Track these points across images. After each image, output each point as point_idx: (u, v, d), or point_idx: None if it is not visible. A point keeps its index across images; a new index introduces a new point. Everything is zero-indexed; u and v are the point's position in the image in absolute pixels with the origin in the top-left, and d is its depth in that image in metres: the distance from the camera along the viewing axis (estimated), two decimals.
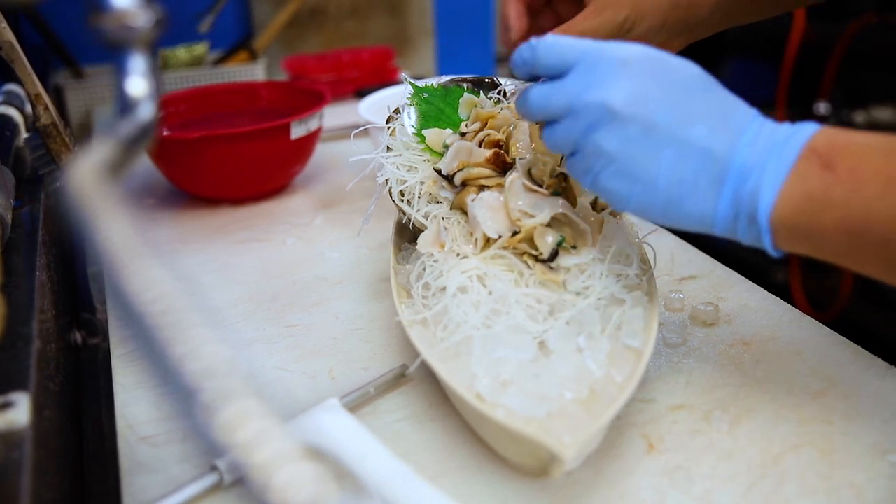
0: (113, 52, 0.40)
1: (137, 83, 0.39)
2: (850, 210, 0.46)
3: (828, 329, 0.69)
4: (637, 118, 0.51)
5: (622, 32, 0.65)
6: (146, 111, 0.38)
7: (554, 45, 0.55)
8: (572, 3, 0.70)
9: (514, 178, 0.63)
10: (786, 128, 0.50)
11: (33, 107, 0.91)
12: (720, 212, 0.51)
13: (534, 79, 0.57)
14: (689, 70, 0.53)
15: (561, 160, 0.65)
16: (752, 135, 0.50)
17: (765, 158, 0.49)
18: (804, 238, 0.48)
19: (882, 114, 2.41)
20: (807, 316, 0.71)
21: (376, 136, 0.99)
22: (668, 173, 0.51)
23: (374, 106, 1.10)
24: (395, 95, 1.07)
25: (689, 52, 0.63)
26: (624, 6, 0.65)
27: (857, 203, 0.45)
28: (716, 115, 0.51)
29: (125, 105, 0.38)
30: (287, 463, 0.18)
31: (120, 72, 0.39)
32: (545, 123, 0.57)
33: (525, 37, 0.67)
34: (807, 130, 0.49)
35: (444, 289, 0.61)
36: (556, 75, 0.55)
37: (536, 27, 0.71)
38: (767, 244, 0.50)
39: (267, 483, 0.18)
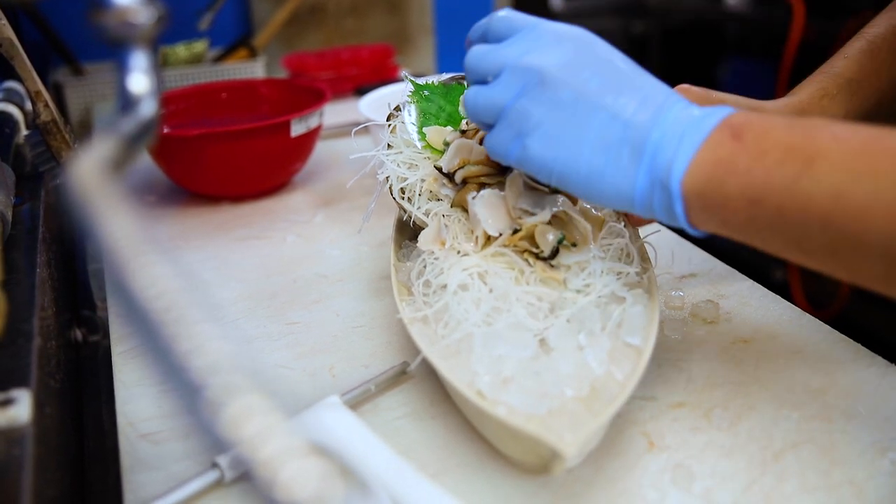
0: (114, 49, 0.40)
1: (139, 80, 0.39)
2: (751, 177, 0.47)
3: (828, 327, 0.69)
4: (569, 84, 0.53)
5: None
6: (147, 108, 0.38)
7: (505, 16, 0.59)
8: None
9: (515, 175, 0.63)
10: (708, 108, 0.51)
11: (33, 104, 0.91)
12: (639, 183, 0.52)
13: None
14: (621, 54, 0.56)
15: None
16: (675, 112, 0.51)
17: (682, 131, 0.50)
18: (712, 209, 0.49)
19: None
20: (807, 314, 0.71)
21: (377, 134, 0.99)
22: (593, 140, 0.52)
23: (374, 103, 1.10)
24: (396, 93, 1.07)
25: (689, 52, 0.63)
26: None
27: (758, 170, 0.46)
28: (643, 92, 0.53)
29: (126, 102, 0.38)
30: (292, 459, 0.18)
31: (121, 69, 0.39)
32: (472, 85, 0.59)
33: None
34: (728, 109, 0.51)
35: (444, 286, 0.61)
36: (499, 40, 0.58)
37: None
38: (680, 215, 0.51)
39: (272, 479, 0.18)
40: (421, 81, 0.78)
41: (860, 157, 0.44)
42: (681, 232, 0.90)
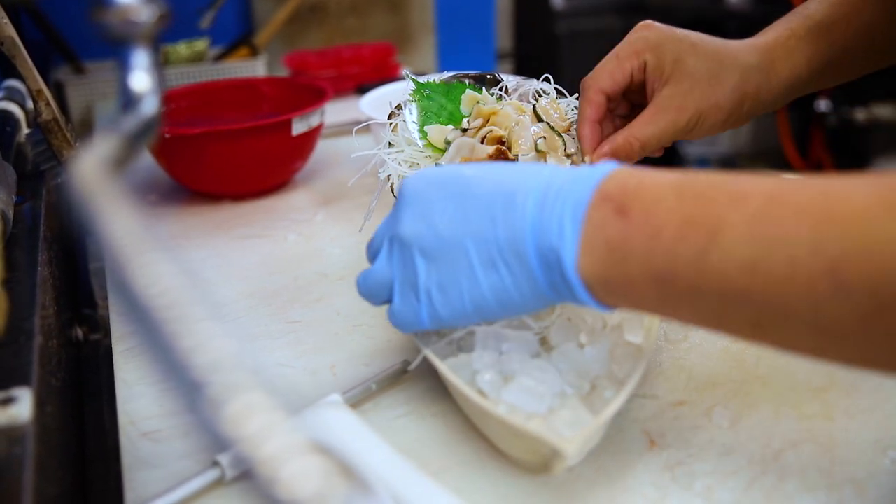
0: (116, 48, 0.40)
1: (140, 78, 0.39)
2: (652, 259, 0.43)
3: None
4: (424, 235, 0.52)
5: (685, 133, 0.66)
6: (149, 106, 0.38)
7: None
8: (637, 100, 0.71)
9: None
10: (573, 173, 0.48)
11: (34, 102, 0.91)
12: (540, 283, 0.48)
13: None
14: (460, 168, 0.54)
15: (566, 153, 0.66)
16: (537, 192, 0.48)
17: (559, 211, 0.46)
18: (619, 292, 0.46)
19: (882, 111, 2.41)
20: None
21: (378, 133, 0.99)
22: (480, 267, 0.50)
23: (375, 102, 1.10)
24: (397, 92, 1.07)
25: None
26: (686, 109, 0.65)
27: (657, 251, 0.43)
28: (496, 192, 0.50)
29: (128, 100, 0.38)
30: (294, 457, 0.18)
31: (123, 67, 0.39)
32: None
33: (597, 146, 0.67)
34: (595, 175, 0.47)
35: None
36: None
37: (604, 134, 0.70)
38: (590, 302, 0.47)
39: (273, 477, 0.18)
40: (422, 80, 0.78)
41: (765, 223, 0.40)
42: None
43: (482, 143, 0.67)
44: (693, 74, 0.65)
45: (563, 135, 0.68)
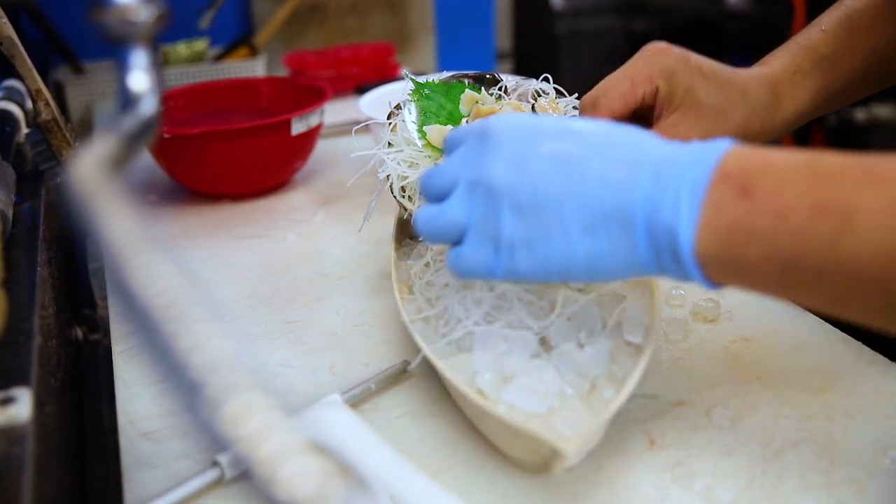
0: (114, 48, 0.40)
1: (139, 78, 0.39)
2: (778, 242, 0.42)
3: (829, 325, 0.69)
4: (520, 184, 0.49)
5: None
6: (148, 106, 0.38)
7: (450, 134, 0.57)
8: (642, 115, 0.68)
9: None
10: (691, 150, 0.46)
11: (34, 102, 0.91)
12: (643, 254, 0.47)
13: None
14: (569, 121, 0.51)
15: None
16: (653, 165, 0.46)
17: (674, 187, 0.45)
18: (737, 273, 0.45)
19: (882, 111, 2.41)
20: (808, 313, 0.71)
21: (377, 132, 0.99)
22: (576, 229, 0.48)
23: (374, 102, 1.10)
24: (396, 91, 1.07)
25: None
26: (693, 132, 0.63)
27: (784, 234, 0.42)
28: (607, 153, 0.48)
29: (127, 100, 0.38)
30: (292, 456, 0.18)
31: (121, 67, 0.39)
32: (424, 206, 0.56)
33: None
34: (714, 152, 0.45)
35: (446, 285, 0.61)
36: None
37: None
38: (700, 280, 0.46)
39: (271, 476, 0.18)
40: (421, 80, 0.78)
41: None
42: None
43: None
44: (701, 107, 0.63)
45: None
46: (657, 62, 0.64)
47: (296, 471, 0.18)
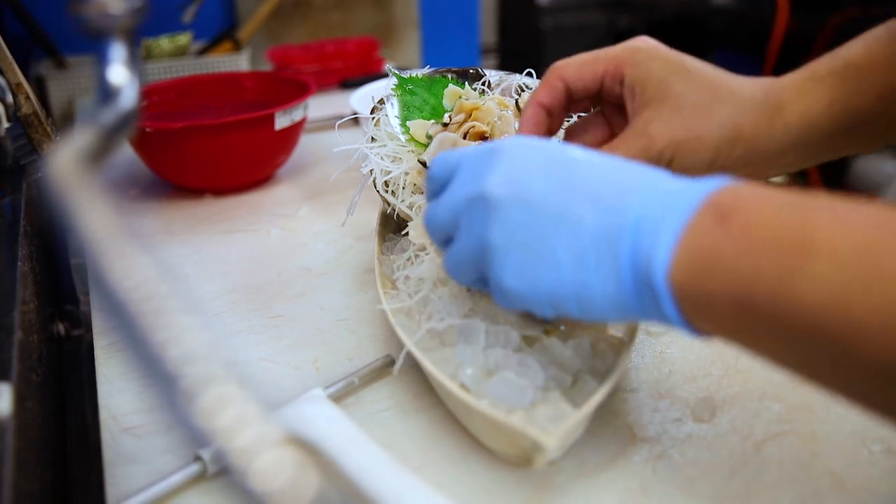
0: (94, 41, 0.39)
1: (118, 71, 0.39)
2: (737, 272, 0.38)
3: None
4: (515, 198, 0.46)
5: (659, 164, 0.57)
6: (127, 99, 0.38)
7: (439, 158, 0.54)
8: (617, 116, 0.64)
9: None
10: (689, 181, 0.43)
11: (14, 96, 0.90)
12: (625, 284, 0.43)
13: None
14: (570, 148, 0.49)
15: None
16: (647, 190, 0.43)
17: (661, 213, 0.42)
18: (704, 311, 0.40)
19: None
20: None
21: (366, 127, 0.99)
22: (566, 252, 0.45)
23: (365, 98, 1.10)
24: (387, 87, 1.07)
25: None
26: (660, 138, 0.57)
27: (745, 263, 0.38)
28: (606, 179, 0.45)
29: (106, 93, 0.38)
30: (266, 448, 0.18)
31: (101, 60, 0.39)
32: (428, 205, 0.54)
33: (533, 129, 0.62)
34: (711, 183, 0.42)
35: (421, 279, 0.61)
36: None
37: (554, 125, 0.64)
38: (678, 322, 0.42)
39: (246, 468, 0.18)
40: (405, 75, 0.78)
41: (868, 255, 0.34)
42: None
43: (464, 138, 0.67)
44: (677, 101, 0.57)
45: None
46: (631, 49, 0.60)
47: (270, 462, 0.18)
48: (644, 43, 0.60)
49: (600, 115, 0.65)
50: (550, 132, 0.63)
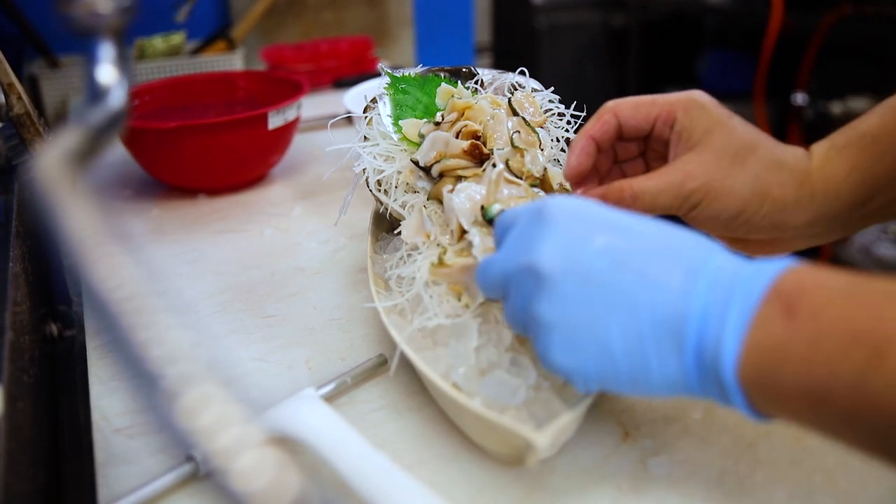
0: (83, 40, 0.39)
1: (107, 71, 0.38)
2: (810, 371, 0.38)
3: None
4: (568, 273, 0.45)
5: (687, 204, 0.59)
6: (116, 99, 0.38)
7: (507, 213, 0.54)
8: (658, 162, 0.66)
9: (501, 170, 0.62)
10: (752, 264, 0.43)
11: (6, 96, 0.90)
12: (689, 371, 0.43)
13: None
14: (620, 215, 0.48)
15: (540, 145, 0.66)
16: (711, 274, 0.43)
17: (726, 301, 0.42)
18: (775, 402, 0.41)
19: (858, 104, 2.43)
20: None
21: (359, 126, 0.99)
22: (621, 334, 0.44)
23: (359, 97, 1.10)
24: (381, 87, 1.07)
25: (669, 45, 0.62)
26: (695, 178, 0.58)
27: (817, 363, 0.38)
28: (665, 255, 0.45)
29: (95, 93, 0.38)
30: (248, 448, 0.18)
31: (90, 59, 0.39)
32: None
33: (582, 176, 0.63)
34: (775, 267, 0.42)
35: (413, 278, 0.61)
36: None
37: (607, 176, 0.67)
38: (745, 409, 0.42)
39: (227, 468, 0.18)
40: (398, 73, 0.77)
41: None
42: None
43: (457, 137, 0.67)
44: (717, 150, 0.58)
45: (537, 130, 0.68)
46: (686, 97, 0.61)
47: (251, 462, 0.18)
48: (699, 95, 0.61)
49: (641, 160, 0.67)
50: (596, 168, 0.65)
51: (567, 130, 0.73)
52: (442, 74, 0.78)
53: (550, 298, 0.45)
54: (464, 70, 0.78)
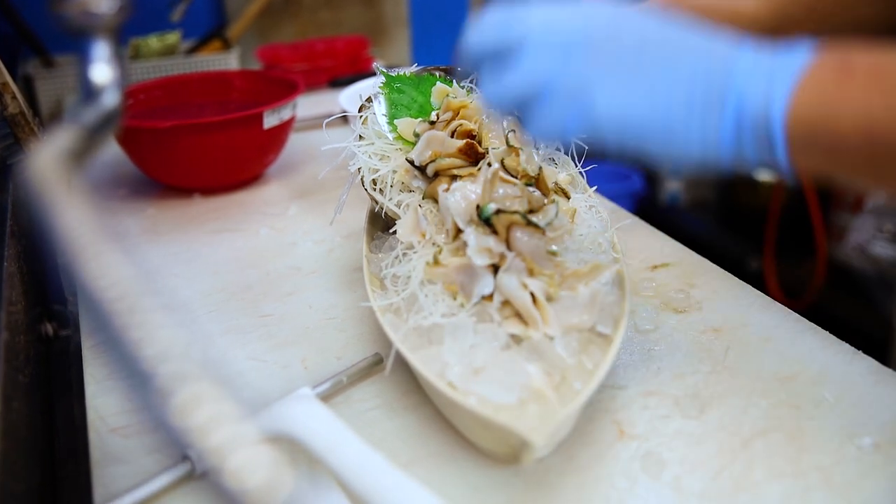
0: (77, 39, 0.39)
1: (101, 70, 0.38)
2: (870, 110, 0.41)
3: (797, 315, 0.69)
4: (624, 31, 0.47)
5: None
6: (110, 98, 0.38)
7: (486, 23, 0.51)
8: None
9: (496, 169, 0.62)
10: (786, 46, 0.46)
11: (1, 95, 0.90)
12: (725, 129, 0.45)
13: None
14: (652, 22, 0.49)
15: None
16: (753, 46, 0.46)
17: (772, 64, 0.44)
18: (821, 149, 0.43)
19: None
20: (776, 302, 0.72)
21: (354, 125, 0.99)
22: (667, 87, 0.46)
23: (354, 96, 1.10)
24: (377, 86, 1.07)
25: None
26: None
27: (878, 102, 0.41)
28: (706, 32, 0.47)
29: (89, 93, 0.38)
30: (241, 446, 0.18)
31: (84, 59, 0.39)
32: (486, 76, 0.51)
33: None
34: (810, 44, 0.45)
35: (409, 277, 0.61)
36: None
37: None
38: (781, 160, 0.44)
39: (220, 467, 0.18)
40: (393, 73, 0.77)
41: None
42: (654, 222, 0.90)
43: (452, 136, 0.67)
44: None
45: None
46: None
47: (245, 460, 0.18)
48: None
49: None
50: None
51: None
52: (437, 74, 0.78)
53: (605, 52, 0.47)
54: (459, 69, 0.78)
